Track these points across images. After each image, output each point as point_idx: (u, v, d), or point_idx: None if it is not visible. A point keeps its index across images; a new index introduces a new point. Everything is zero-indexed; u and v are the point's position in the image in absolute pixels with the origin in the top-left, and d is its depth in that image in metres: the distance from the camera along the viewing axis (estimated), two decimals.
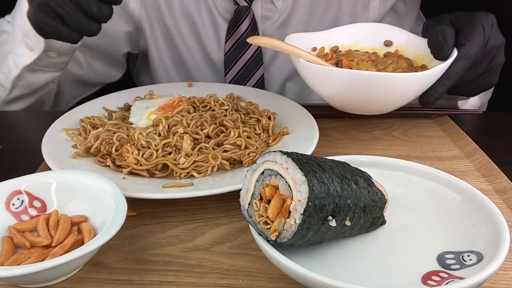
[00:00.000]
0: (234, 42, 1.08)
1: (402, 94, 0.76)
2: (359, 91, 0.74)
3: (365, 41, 0.88)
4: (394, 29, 0.89)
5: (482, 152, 0.79)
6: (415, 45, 0.85)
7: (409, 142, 0.85)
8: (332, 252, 0.54)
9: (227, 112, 0.81)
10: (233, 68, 1.10)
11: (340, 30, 0.89)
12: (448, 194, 0.60)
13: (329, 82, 0.75)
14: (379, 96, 0.75)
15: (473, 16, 0.77)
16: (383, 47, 0.88)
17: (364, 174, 0.56)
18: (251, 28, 1.07)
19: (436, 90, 0.76)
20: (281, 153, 0.49)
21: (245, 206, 0.52)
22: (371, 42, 0.88)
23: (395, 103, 0.79)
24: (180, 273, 0.55)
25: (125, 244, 0.60)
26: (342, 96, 0.78)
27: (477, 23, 0.75)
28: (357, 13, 1.11)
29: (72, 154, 0.73)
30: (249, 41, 0.76)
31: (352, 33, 0.89)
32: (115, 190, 0.58)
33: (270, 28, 1.10)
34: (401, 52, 0.87)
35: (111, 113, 0.86)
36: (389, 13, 1.14)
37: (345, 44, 0.88)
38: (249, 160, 0.72)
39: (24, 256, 0.53)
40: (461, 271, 0.50)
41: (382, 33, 0.89)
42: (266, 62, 1.12)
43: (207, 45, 1.12)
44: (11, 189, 0.59)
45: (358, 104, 0.79)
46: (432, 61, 0.80)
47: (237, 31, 1.07)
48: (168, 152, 0.71)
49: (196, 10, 1.10)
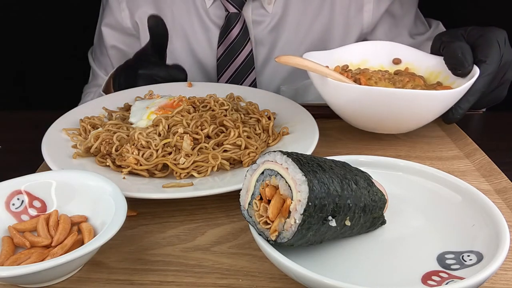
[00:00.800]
0: (226, 48, 1.09)
1: (433, 111, 0.76)
2: (390, 109, 0.74)
3: (372, 59, 0.88)
4: (401, 46, 0.89)
5: (482, 152, 0.79)
6: (425, 62, 0.85)
7: (409, 142, 0.85)
8: (332, 252, 0.54)
9: (227, 112, 0.81)
10: (225, 72, 1.11)
11: (348, 48, 0.89)
12: (448, 194, 0.60)
13: (361, 101, 0.75)
14: (411, 114, 0.76)
15: (487, 32, 0.78)
16: (392, 65, 0.88)
17: (364, 174, 0.56)
18: (242, 33, 1.08)
19: (461, 107, 0.77)
20: (281, 153, 0.49)
21: (245, 206, 0.52)
22: (379, 60, 0.88)
23: (425, 121, 0.79)
24: (180, 273, 0.55)
25: (125, 244, 0.60)
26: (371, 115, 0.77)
27: (493, 40, 0.76)
28: (351, 16, 1.11)
29: (72, 154, 0.73)
30: (277, 60, 0.74)
31: (360, 52, 0.88)
32: (115, 190, 0.58)
33: (262, 33, 1.10)
34: (412, 70, 0.87)
35: (111, 113, 0.86)
36: (385, 16, 1.13)
37: (354, 63, 0.88)
38: (249, 160, 0.72)
39: (24, 256, 0.53)
40: (461, 271, 0.50)
41: (389, 51, 0.88)
42: (259, 67, 1.13)
43: (199, 52, 1.13)
44: (11, 189, 0.59)
45: (387, 122, 0.79)
46: (448, 78, 0.81)
47: (229, 36, 1.08)
48: (168, 152, 0.71)
49: (187, 19, 1.11)
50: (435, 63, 0.82)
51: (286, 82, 1.16)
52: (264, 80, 1.15)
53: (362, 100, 0.75)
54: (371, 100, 0.74)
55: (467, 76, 0.76)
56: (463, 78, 0.77)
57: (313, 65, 0.76)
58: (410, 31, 1.16)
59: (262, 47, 1.12)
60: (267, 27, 1.10)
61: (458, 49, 0.75)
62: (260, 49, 1.12)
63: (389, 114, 0.75)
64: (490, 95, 0.81)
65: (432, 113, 0.77)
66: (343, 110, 0.80)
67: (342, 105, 0.79)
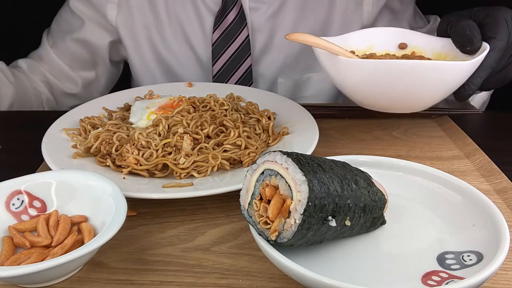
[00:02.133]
0: (221, 32, 1.09)
1: (447, 84, 0.74)
2: (405, 83, 0.71)
3: (378, 45, 0.87)
4: (406, 31, 0.87)
5: (482, 152, 0.79)
6: (432, 44, 0.83)
7: (409, 142, 0.85)
8: (332, 252, 0.54)
9: (227, 112, 0.81)
10: (220, 58, 1.10)
11: (352, 35, 0.87)
12: (448, 194, 0.60)
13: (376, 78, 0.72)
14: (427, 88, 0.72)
15: (494, 11, 0.78)
16: (398, 50, 0.86)
17: (364, 174, 0.56)
18: (238, 18, 1.07)
19: (473, 83, 0.75)
20: (281, 153, 0.49)
21: (245, 206, 0.52)
22: (384, 46, 0.87)
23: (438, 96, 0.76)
24: (180, 273, 0.55)
25: (125, 244, 0.60)
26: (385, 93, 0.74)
27: (500, 17, 0.76)
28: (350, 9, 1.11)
29: (72, 154, 0.73)
30: (287, 38, 0.73)
31: (364, 39, 0.87)
32: (115, 190, 0.58)
33: (260, 19, 1.10)
34: (418, 53, 0.85)
35: (111, 113, 0.86)
36: (384, 11, 1.14)
37: (360, 49, 0.87)
38: (249, 160, 0.72)
39: (24, 256, 0.53)
40: (461, 271, 0.50)
41: (394, 37, 0.87)
42: (255, 55, 1.13)
43: (192, 39, 1.13)
44: (11, 189, 0.59)
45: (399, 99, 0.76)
46: (456, 58, 0.79)
47: (225, 21, 1.08)
48: (168, 152, 0.71)
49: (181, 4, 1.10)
50: (442, 44, 0.81)
51: (284, 73, 1.15)
52: (260, 69, 1.14)
53: (375, 77, 0.72)
54: (385, 74, 0.71)
55: (476, 53, 0.75)
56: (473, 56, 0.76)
57: (325, 43, 0.73)
58: (410, 25, 1.16)
59: (260, 34, 1.11)
60: (265, 13, 1.10)
61: (466, 27, 0.75)
62: (258, 36, 1.11)
63: (403, 89, 0.72)
64: (499, 74, 0.80)
65: (447, 86, 0.74)
66: (355, 91, 0.77)
67: (353, 85, 0.76)
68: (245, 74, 1.11)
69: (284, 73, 1.15)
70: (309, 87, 1.17)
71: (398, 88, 0.72)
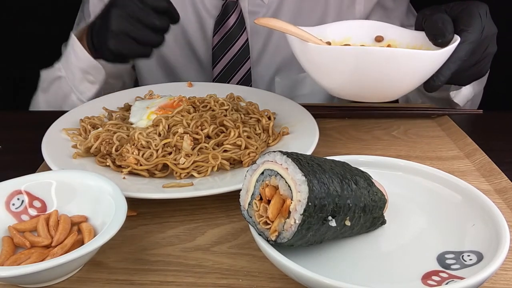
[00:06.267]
0: (221, 37, 1.10)
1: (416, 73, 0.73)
2: (373, 72, 0.70)
3: (354, 37, 0.87)
4: (386, 25, 0.87)
5: (482, 152, 0.79)
6: (408, 37, 0.83)
7: (409, 142, 0.85)
8: (332, 252, 0.54)
9: (227, 112, 0.81)
10: (220, 61, 1.12)
11: (329, 27, 0.87)
12: (448, 194, 0.60)
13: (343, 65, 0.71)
14: (395, 76, 0.72)
15: (468, 5, 0.78)
16: (374, 43, 0.86)
17: (364, 174, 0.56)
18: (238, 22, 1.09)
19: (442, 74, 0.76)
20: (281, 153, 0.49)
21: (245, 206, 0.52)
22: (361, 38, 0.87)
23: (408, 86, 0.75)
24: (180, 273, 0.55)
25: (125, 244, 0.60)
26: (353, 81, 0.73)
27: (474, 11, 0.77)
28: (344, 9, 1.13)
29: (72, 154, 0.73)
30: (256, 22, 0.73)
31: (341, 30, 0.87)
32: (115, 190, 0.58)
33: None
34: (394, 46, 0.85)
35: (111, 113, 0.86)
36: (377, 8, 1.15)
37: (336, 40, 0.87)
38: (249, 160, 0.72)
39: (24, 256, 0.53)
40: (461, 271, 0.50)
41: (370, 29, 0.86)
42: (254, 57, 1.14)
43: (193, 42, 1.14)
44: (11, 189, 0.59)
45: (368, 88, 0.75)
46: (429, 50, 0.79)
47: (225, 25, 1.10)
48: (168, 152, 0.71)
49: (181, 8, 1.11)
50: (417, 37, 0.81)
51: (281, 73, 1.17)
52: (259, 70, 1.16)
53: (343, 64, 0.70)
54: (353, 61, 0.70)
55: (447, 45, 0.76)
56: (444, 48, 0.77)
57: (295, 29, 0.73)
58: (402, 23, 1.17)
59: (258, 37, 1.13)
60: (264, 16, 1.11)
61: (439, 20, 0.76)
62: (256, 39, 1.13)
63: (372, 76, 0.71)
64: (472, 69, 0.81)
65: (415, 76, 0.73)
66: (325, 78, 0.76)
67: (323, 72, 0.75)
68: (245, 76, 1.13)
69: (281, 73, 1.17)
70: (305, 86, 1.18)
71: (366, 76, 0.71)
